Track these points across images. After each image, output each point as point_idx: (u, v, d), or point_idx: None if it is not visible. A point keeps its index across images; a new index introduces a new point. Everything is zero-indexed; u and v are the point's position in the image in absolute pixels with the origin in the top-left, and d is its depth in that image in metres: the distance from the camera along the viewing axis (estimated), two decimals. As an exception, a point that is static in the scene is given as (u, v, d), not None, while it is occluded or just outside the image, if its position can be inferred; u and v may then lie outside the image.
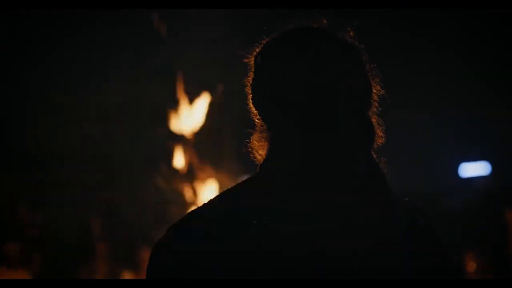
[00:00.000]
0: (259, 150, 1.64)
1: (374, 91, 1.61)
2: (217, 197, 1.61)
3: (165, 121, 9.25)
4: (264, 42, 1.65)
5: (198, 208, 1.61)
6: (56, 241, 8.18)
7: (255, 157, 1.66)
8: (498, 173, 10.55)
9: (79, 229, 8.42)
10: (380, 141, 1.60)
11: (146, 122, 9.88)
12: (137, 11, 7.84)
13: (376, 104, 1.62)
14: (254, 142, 1.65)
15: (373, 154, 1.59)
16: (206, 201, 1.63)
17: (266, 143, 1.62)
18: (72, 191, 9.09)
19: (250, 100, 1.64)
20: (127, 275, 7.68)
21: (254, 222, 1.48)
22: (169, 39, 8.63)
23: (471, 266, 6.73)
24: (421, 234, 1.57)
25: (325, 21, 1.63)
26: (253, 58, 1.65)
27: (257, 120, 1.64)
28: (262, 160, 1.63)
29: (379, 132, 1.60)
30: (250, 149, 1.66)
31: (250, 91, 1.64)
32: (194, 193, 8.06)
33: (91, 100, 9.54)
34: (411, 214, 1.60)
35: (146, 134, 9.99)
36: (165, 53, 8.69)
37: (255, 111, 1.63)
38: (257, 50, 1.65)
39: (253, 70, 1.64)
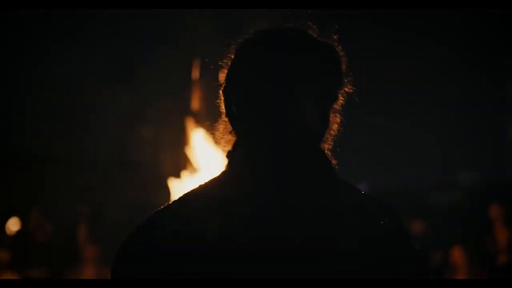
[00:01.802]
0: (224, 144, 1.68)
1: (346, 89, 1.66)
2: (178, 199, 1.64)
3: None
4: (238, 42, 1.69)
5: (161, 208, 1.64)
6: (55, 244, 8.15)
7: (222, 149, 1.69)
8: (484, 169, 10.60)
9: (66, 231, 8.41)
10: (333, 133, 1.66)
11: (135, 123, 9.86)
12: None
13: (340, 101, 1.67)
14: (219, 134, 1.68)
15: (322, 146, 1.64)
16: (170, 202, 1.66)
17: (233, 138, 1.65)
18: (60, 193, 9.09)
19: (221, 91, 1.67)
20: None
21: (211, 224, 1.51)
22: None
23: (458, 261, 6.75)
24: (376, 231, 1.59)
25: (300, 22, 1.67)
26: (229, 57, 1.69)
27: (223, 108, 1.67)
28: (229, 155, 1.66)
29: (334, 126, 1.66)
30: (218, 140, 1.70)
31: (223, 81, 1.67)
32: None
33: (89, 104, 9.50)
34: (371, 208, 1.62)
35: (135, 135, 9.98)
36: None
37: (225, 105, 1.67)
38: (232, 49, 1.69)
39: (227, 68, 1.68)
